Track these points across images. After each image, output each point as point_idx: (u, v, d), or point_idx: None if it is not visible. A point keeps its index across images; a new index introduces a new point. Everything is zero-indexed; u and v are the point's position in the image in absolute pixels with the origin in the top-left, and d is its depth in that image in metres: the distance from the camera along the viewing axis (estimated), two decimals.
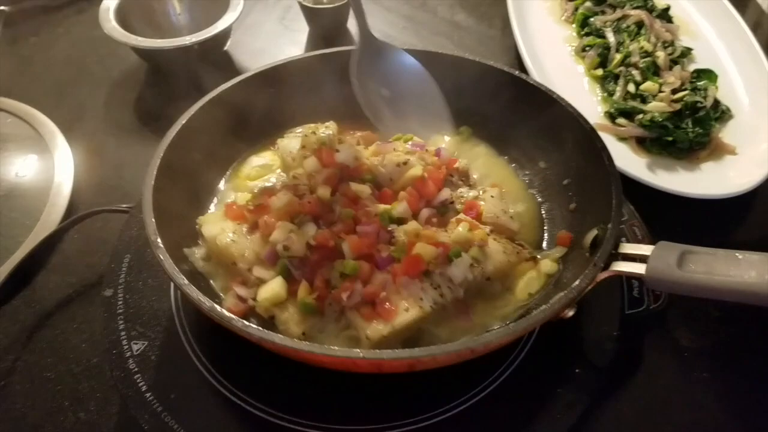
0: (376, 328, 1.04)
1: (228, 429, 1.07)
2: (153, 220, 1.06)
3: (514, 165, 1.43)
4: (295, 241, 1.08)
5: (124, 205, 1.38)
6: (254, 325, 0.93)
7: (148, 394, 1.08)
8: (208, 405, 1.09)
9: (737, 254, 0.97)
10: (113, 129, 1.72)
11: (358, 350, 0.91)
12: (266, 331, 0.93)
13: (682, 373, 1.25)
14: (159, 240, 1.04)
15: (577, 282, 1.01)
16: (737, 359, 1.27)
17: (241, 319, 0.94)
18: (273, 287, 1.09)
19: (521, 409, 1.09)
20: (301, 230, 1.13)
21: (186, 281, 0.99)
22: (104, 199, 1.52)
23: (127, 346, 1.14)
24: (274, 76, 1.40)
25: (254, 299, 1.11)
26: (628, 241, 1.30)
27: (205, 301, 0.96)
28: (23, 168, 1.59)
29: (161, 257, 1.02)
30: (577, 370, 1.12)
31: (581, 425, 1.10)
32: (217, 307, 0.96)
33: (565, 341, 1.15)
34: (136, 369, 1.11)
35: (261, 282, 1.11)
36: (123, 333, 1.16)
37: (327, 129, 1.39)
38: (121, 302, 1.20)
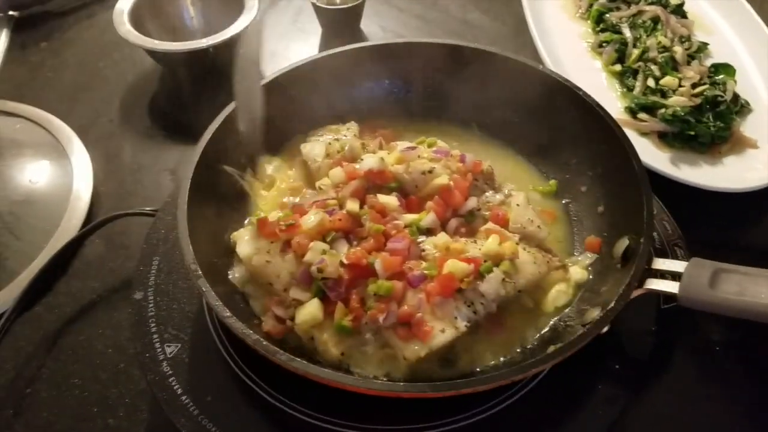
0: (413, 349, 1.03)
1: (265, 430, 1.05)
2: (191, 247, 1.05)
3: (535, 164, 1.43)
4: (328, 263, 1.07)
5: (148, 208, 1.37)
6: (298, 359, 0.95)
7: (183, 398, 1.06)
8: (245, 407, 1.08)
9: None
10: (130, 133, 1.71)
11: (401, 384, 0.99)
12: (311, 365, 0.95)
13: (714, 366, 1.25)
14: (199, 269, 1.03)
15: (612, 304, 1.01)
16: None
17: (285, 353, 0.95)
18: (310, 310, 1.08)
19: (562, 405, 1.08)
20: (334, 248, 1.12)
21: (228, 313, 0.99)
22: (124, 204, 1.51)
23: (160, 349, 1.12)
24: (292, 80, 1.38)
25: (292, 320, 1.10)
26: (659, 236, 1.29)
27: (251, 334, 0.97)
28: (41, 173, 1.57)
29: (204, 289, 1.01)
30: (616, 366, 1.11)
31: (621, 420, 1.09)
32: (262, 339, 0.97)
33: (602, 337, 1.14)
34: (170, 372, 1.09)
35: (298, 303, 1.10)
36: (156, 336, 1.14)
37: (348, 131, 1.38)
38: (152, 305, 1.18)
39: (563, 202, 1.37)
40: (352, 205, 1.18)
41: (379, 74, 1.46)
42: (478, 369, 1.10)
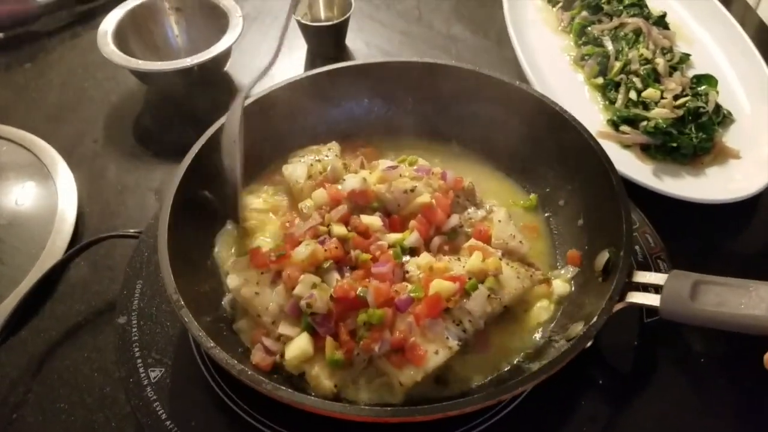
0: (409, 374, 1.04)
1: None
2: (172, 278, 1.05)
3: (515, 179, 1.44)
4: (317, 298, 1.07)
5: (132, 231, 1.37)
6: (284, 388, 0.95)
7: (168, 422, 1.06)
8: (230, 431, 1.07)
9: (750, 285, 0.99)
10: (114, 154, 1.70)
11: (389, 409, 1.00)
12: (298, 393, 0.95)
13: (698, 379, 1.25)
14: (181, 300, 1.02)
15: (594, 319, 1.02)
16: (752, 365, 1.26)
17: (270, 382, 0.95)
18: (300, 344, 1.07)
19: (547, 422, 1.09)
20: (325, 280, 1.12)
21: (212, 344, 0.99)
22: (109, 225, 1.51)
23: (144, 374, 1.12)
24: (270, 102, 1.40)
25: (282, 356, 1.10)
26: (642, 249, 1.30)
27: (235, 365, 0.97)
28: (24, 196, 1.56)
29: (186, 320, 1.01)
30: (600, 381, 1.12)
31: (607, 429, 1.10)
32: (247, 369, 0.97)
33: (586, 352, 1.14)
34: (154, 397, 1.09)
35: (287, 339, 1.10)
36: (139, 360, 1.14)
37: (330, 151, 1.39)
38: (135, 329, 1.18)
39: (545, 215, 1.37)
40: (339, 230, 1.18)
41: (358, 94, 1.47)
42: (469, 388, 1.10)
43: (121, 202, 1.58)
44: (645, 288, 1.08)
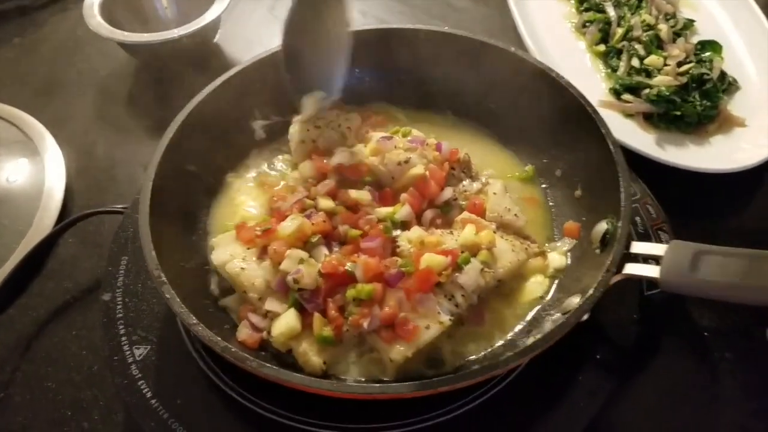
0: (399, 350, 1.01)
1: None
2: (154, 254, 1.02)
3: (512, 150, 1.39)
4: (305, 273, 1.04)
5: (119, 206, 1.34)
6: (269, 365, 0.92)
7: (153, 401, 1.04)
8: (217, 409, 1.05)
9: (753, 255, 0.96)
10: (104, 128, 1.67)
11: (377, 386, 0.94)
12: (283, 371, 0.92)
13: (702, 354, 1.22)
14: (162, 275, 0.99)
15: (591, 291, 0.98)
16: (758, 338, 1.24)
17: (255, 360, 0.92)
18: (287, 321, 1.04)
19: (542, 397, 1.06)
20: (312, 256, 1.09)
21: (195, 320, 0.96)
22: (98, 200, 1.48)
23: (129, 352, 1.09)
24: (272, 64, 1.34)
25: (269, 333, 1.07)
26: (642, 220, 1.26)
27: (218, 342, 0.94)
28: (12, 172, 1.54)
29: (167, 296, 0.98)
30: (597, 356, 1.09)
31: (605, 411, 1.06)
32: (231, 347, 0.94)
33: (584, 326, 1.11)
34: (139, 375, 1.07)
35: (274, 315, 1.07)
36: (124, 338, 1.11)
37: (347, 121, 1.33)
38: (120, 306, 1.15)
39: (542, 187, 1.34)
40: (326, 203, 1.15)
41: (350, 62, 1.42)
42: (462, 363, 1.08)
43: (110, 177, 1.56)
44: (645, 260, 1.05)
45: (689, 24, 1.76)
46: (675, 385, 1.18)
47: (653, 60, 1.60)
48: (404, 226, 1.15)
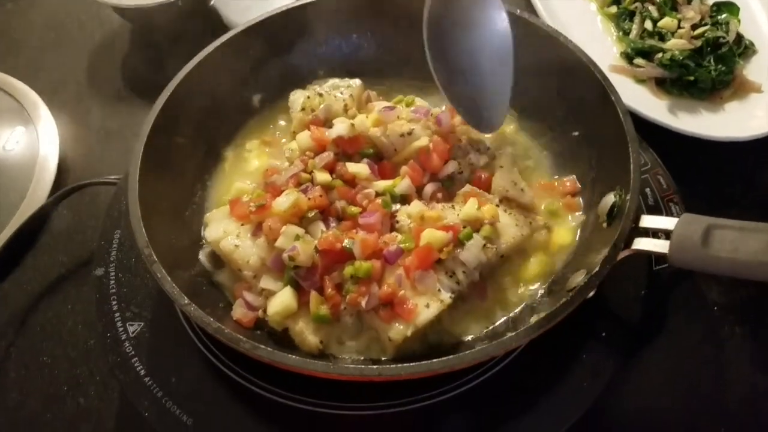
0: (398, 330, 0.98)
1: (233, 411, 1.01)
2: (143, 231, 0.98)
3: (519, 116, 1.33)
4: (301, 250, 1.00)
5: (113, 177, 1.30)
6: (263, 347, 0.88)
7: (147, 379, 1.02)
8: (212, 387, 1.03)
9: (765, 229, 0.90)
10: (98, 96, 1.63)
11: (375, 368, 0.89)
12: (277, 352, 0.88)
13: (712, 330, 1.19)
14: (153, 254, 0.95)
15: (597, 268, 0.93)
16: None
17: (249, 341, 0.89)
18: (283, 299, 1.01)
19: (546, 376, 1.03)
20: (309, 232, 1.05)
21: (186, 300, 0.92)
22: (92, 171, 1.45)
23: (122, 328, 1.07)
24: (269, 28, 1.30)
25: (264, 311, 1.03)
26: (653, 191, 1.21)
27: (211, 322, 0.90)
28: (5, 141, 1.50)
29: (158, 275, 0.94)
30: (603, 333, 1.05)
31: (611, 389, 1.03)
32: (224, 327, 0.90)
33: (588, 303, 1.08)
34: (132, 353, 1.04)
35: (269, 293, 1.04)
36: (117, 314, 1.09)
37: (348, 89, 1.29)
38: (113, 281, 1.12)
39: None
40: (323, 177, 1.11)
41: (342, 28, 1.37)
42: (462, 341, 1.04)
43: (105, 147, 1.53)
44: (654, 234, 1.00)
45: None
46: (683, 361, 1.15)
47: (667, 22, 1.54)
48: (404, 200, 1.11)
